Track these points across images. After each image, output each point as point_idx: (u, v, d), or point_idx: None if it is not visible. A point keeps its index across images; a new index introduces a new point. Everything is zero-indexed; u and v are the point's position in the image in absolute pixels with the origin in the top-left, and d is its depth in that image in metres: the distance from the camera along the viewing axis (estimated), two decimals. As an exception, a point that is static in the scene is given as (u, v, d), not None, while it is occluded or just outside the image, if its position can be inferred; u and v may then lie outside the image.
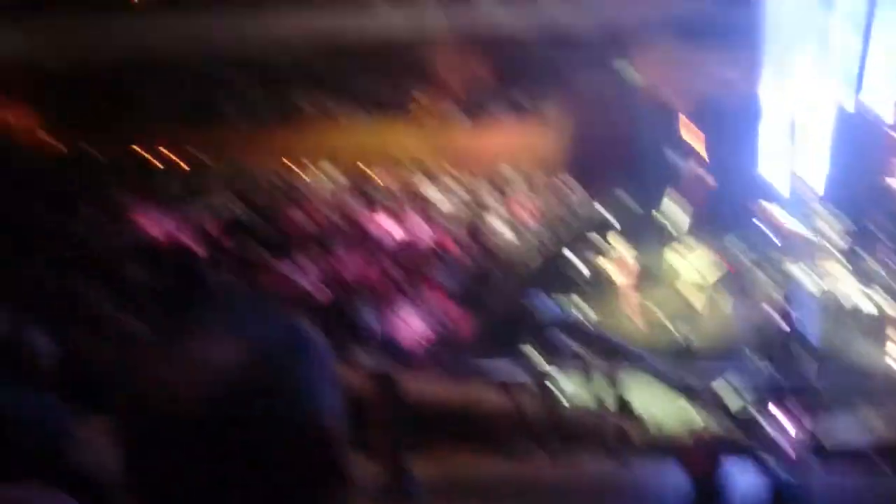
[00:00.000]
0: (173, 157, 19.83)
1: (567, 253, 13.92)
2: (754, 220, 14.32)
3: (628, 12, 17.61)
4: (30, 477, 2.60)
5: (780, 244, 13.79)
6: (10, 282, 12.84)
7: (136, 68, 21.36)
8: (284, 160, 19.21)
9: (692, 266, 13.26)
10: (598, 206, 16.25)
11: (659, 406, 9.30)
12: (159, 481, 0.87)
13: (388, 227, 15.46)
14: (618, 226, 14.92)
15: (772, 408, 8.16)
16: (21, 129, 21.15)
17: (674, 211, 15.47)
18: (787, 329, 10.00)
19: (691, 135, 18.03)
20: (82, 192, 17.11)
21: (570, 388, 7.93)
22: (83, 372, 3.50)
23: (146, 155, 19.95)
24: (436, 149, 18.78)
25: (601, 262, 13.28)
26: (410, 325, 11.99)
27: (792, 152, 15.95)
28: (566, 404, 5.95)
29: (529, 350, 8.73)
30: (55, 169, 18.96)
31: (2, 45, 20.38)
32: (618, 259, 12.93)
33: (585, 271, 13.46)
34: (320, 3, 19.31)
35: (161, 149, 19.98)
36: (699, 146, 17.98)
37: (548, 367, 7.99)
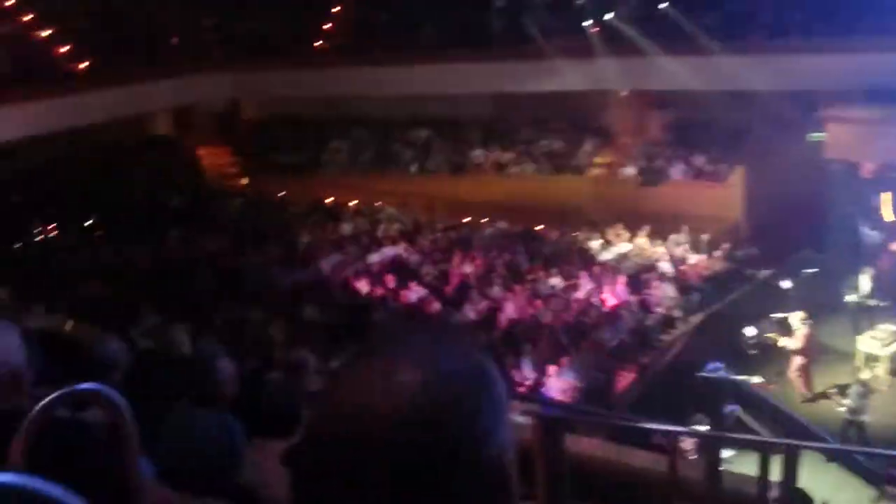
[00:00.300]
0: (353, 203, 20.82)
1: (743, 321, 13.31)
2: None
3: (820, 75, 16.87)
4: (204, 492, 2.82)
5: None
6: (204, 312, 13.90)
7: (329, 119, 22.82)
8: (456, 210, 19.68)
9: (875, 340, 12.37)
10: (777, 273, 15.47)
11: (837, 492, 8.66)
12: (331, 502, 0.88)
13: (553, 281, 15.44)
14: (797, 294, 14.12)
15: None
16: (222, 172, 23.01)
17: (857, 281, 14.49)
18: None
19: (882, 204, 16.92)
20: (272, 233, 18.38)
21: (739, 462, 7.52)
22: (258, 398, 3.75)
23: (330, 199, 21.06)
24: (609, 206, 18.59)
25: (778, 331, 12.61)
26: (570, 379, 11.86)
27: None
28: (732, 479, 5.64)
29: (699, 418, 8.39)
30: (249, 211, 20.46)
31: (210, 93, 22.36)
32: (797, 330, 12.23)
33: (761, 340, 12.82)
34: (501, 59, 19.80)
35: (343, 195, 21.03)
36: (888, 214, 16.83)
37: (717, 438, 7.63)
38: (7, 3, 19.98)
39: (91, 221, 18.33)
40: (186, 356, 4.92)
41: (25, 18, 20.17)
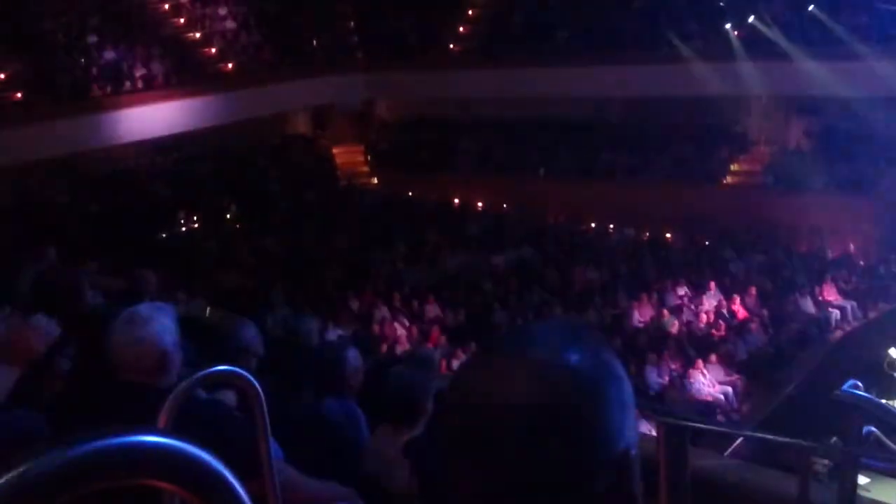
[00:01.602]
0: (480, 204, 20.96)
1: (886, 342, 12.53)
2: None
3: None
4: (328, 476, 2.93)
5: None
6: (333, 306, 14.34)
7: (458, 122, 23.09)
8: (583, 214, 19.48)
9: None
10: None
11: None
12: (453, 493, 0.89)
13: (680, 290, 15.03)
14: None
15: None
16: (355, 170, 23.65)
17: None
18: None
19: None
20: (399, 232, 18.76)
21: (876, 489, 7.11)
22: (382, 390, 3.85)
23: (457, 199, 21.29)
24: (744, 215, 17.91)
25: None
26: (694, 390, 11.54)
27: None
28: (866, 503, 5.34)
29: (835, 441, 7.97)
30: (379, 208, 20.95)
31: (346, 94, 23.03)
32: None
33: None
34: (636, 62, 19.44)
35: (470, 195, 21.20)
36: None
37: (854, 459, 7.23)
38: (164, 8, 21.29)
39: (231, 214, 19.26)
40: (315, 346, 5.10)
41: (179, 21, 21.44)
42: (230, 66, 21.07)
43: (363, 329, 13.10)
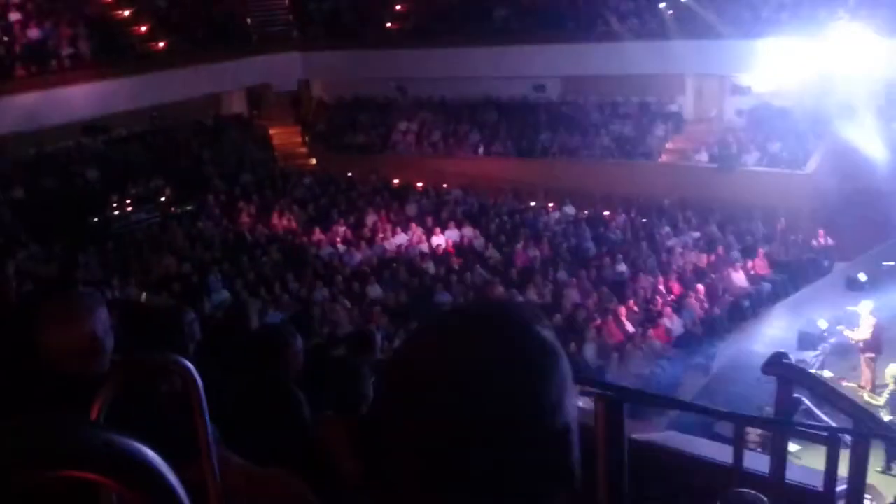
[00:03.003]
0: (420, 185, 20.90)
1: (816, 314, 12.96)
2: None
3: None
4: (269, 460, 2.89)
5: None
6: (272, 289, 14.20)
7: (396, 102, 22.97)
8: (523, 193, 19.59)
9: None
10: (853, 264, 15.03)
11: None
12: (399, 475, 0.89)
13: (620, 267, 15.28)
14: (874, 287, 13.69)
15: None
16: (292, 151, 23.35)
17: None
18: None
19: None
20: (339, 213, 18.62)
21: (806, 455, 7.36)
22: (324, 374, 3.82)
23: (397, 180, 21.19)
24: (680, 193, 18.25)
25: (850, 324, 12.22)
26: (632, 365, 11.77)
27: None
28: (798, 472, 5.53)
29: (766, 410, 8.23)
30: (318, 190, 20.73)
31: (282, 74, 22.71)
32: (864, 321, 11.82)
33: (834, 333, 12.46)
34: (572, 41, 19.58)
35: (410, 176, 21.12)
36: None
37: (784, 427, 7.45)
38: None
39: (165, 197, 18.84)
40: (255, 331, 5.04)
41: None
42: (161, 45, 20.53)
43: (304, 311, 13.01)
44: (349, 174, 21.53)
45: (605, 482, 3.08)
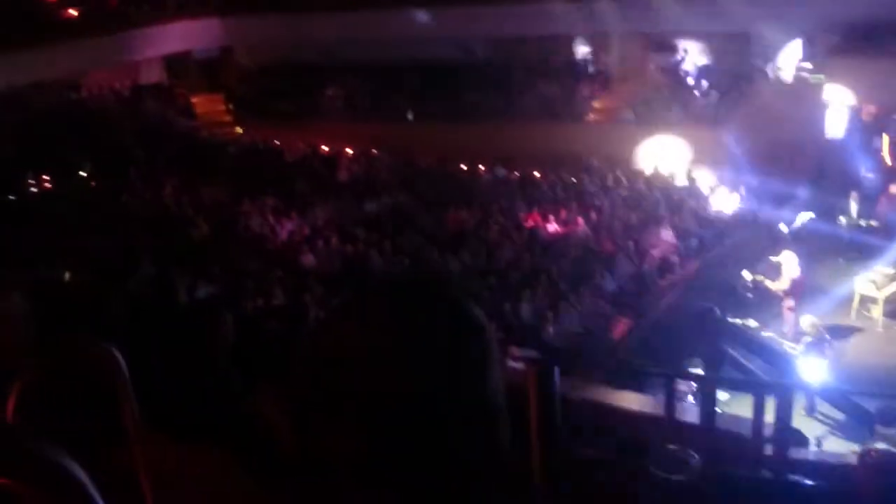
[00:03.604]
0: (350, 151, 20.69)
1: (741, 266, 13.34)
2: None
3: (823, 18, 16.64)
4: (200, 440, 2.84)
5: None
6: (202, 262, 13.92)
7: (322, 67, 22.55)
8: (453, 156, 19.56)
9: (871, 282, 12.43)
10: (776, 216, 15.48)
11: (829, 432, 8.80)
12: (324, 447, 0.90)
13: (551, 227, 15.44)
14: (796, 238, 14.15)
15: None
16: (216, 120, 22.81)
17: (849, 204, 14.72)
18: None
19: (881, 147, 16.90)
20: (268, 182, 18.28)
21: (735, 404, 7.61)
22: (256, 347, 3.76)
23: (326, 147, 20.93)
24: (607, 151, 18.50)
25: (772, 274, 12.63)
26: (566, 322, 11.95)
27: None
28: (727, 420, 5.72)
29: (696, 362, 8.45)
30: (245, 160, 20.32)
31: (202, 40, 22.06)
32: (786, 270, 12.24)
33: (758, 284, 12.85)
34: (498, 1, 19.51)
35: (339, 142, 20.88)
36: (888, 157, 16.83)
37: (711, 380, 7.70)
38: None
39: (86, 172, 18.21)
40: (184, 306, 4.93)
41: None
42: (74, 12, 19.70)
43: (235, 283, 12.80)
44: (277, 142, 21.15)
45: (539, 443, 3.13)
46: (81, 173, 18.15)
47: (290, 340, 3.58)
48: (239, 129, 22.55)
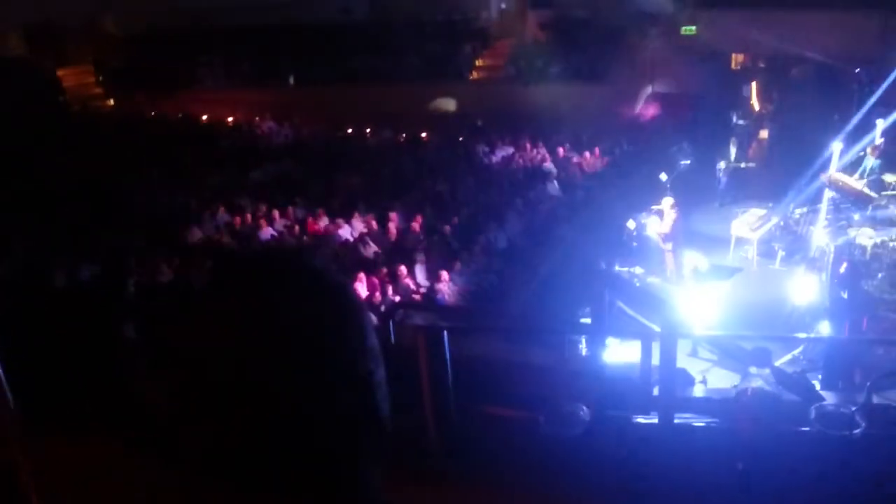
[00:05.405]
0: (231, 119, 20.10)
1: (625, 216, 13.75)
2: (816, 180, 13.96)
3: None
4: (97, 419, 2.75)
5: (839, 204, 13.44)
6: (83, 241, 13.30)
7: (196, 34, 21.67)
8: (339, 120, 19.30)
9: (745, 224, 13.07)
10: (655, 166, 16.02)
11: (710, 372, 9.25)
12: (204, 421, 0.91)
13: (440, 187, 15.49)
14: (675, 186, 14.71)
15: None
16: (86, 93, 21.70)
17: (728, 149, 15.46)
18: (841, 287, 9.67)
19: (750, 94, 17.68)
20: (146, 155, 17.56)
21: (623, 352, 7.89)
22: (140, 325, 3.65)
23: (206, 116, 20.26)
24: (492, 110, 18.60)
25: (653, 219, 13.08)
26: (458, 283, 12.08)
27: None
28: (616, 368, 5.95)
29: (588, 312, 8.68)
30: (118, 132, 19.43)
31: (64, 9, 20.82)
32: (665, 216, 12.70)
33: (641, 232, 13.29)
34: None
35: (219, 111, 20.25)
36: (756, 104, 17.64)
37: (603, 330, 7.95)
38: None
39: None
40: (63, 287, 4.72)
41: None
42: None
43: (118, 262, 12.30)
44: (153, 113, 20.32)
45: (430, 404, 3.17)
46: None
47: (173, 320, 3.48)
48: (111, 101, 21.52)
